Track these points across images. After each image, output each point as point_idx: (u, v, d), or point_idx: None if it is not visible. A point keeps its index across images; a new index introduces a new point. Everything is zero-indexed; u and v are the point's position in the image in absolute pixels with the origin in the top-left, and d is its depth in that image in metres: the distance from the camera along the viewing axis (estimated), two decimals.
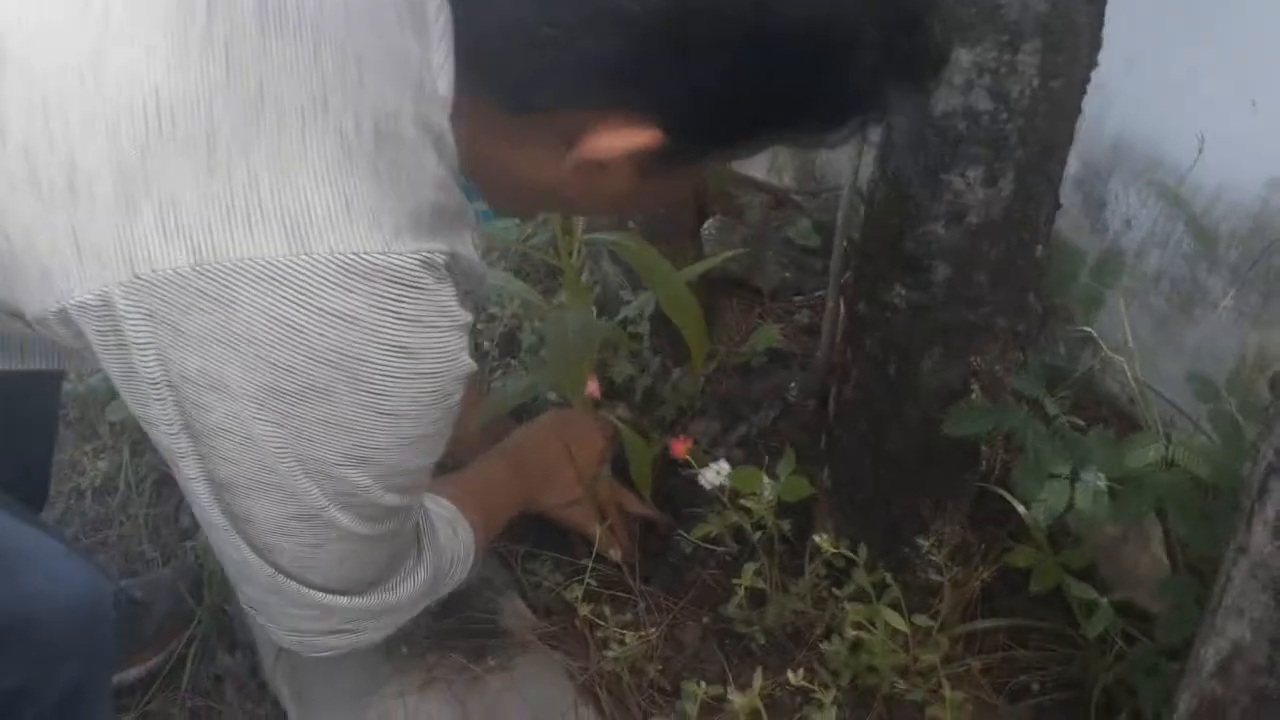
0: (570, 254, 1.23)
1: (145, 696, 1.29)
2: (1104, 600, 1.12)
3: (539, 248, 1.53)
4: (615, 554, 1.28)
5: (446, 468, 1.11)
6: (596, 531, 1.23)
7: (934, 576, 1.11)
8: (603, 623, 1.21)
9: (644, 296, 1.43)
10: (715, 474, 1.35)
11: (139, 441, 1.60)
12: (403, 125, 0.63)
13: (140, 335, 0.62)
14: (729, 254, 1.36)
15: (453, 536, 1.01)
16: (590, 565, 1.24)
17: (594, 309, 1.50)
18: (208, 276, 0.59)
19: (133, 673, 1.29)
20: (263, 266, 0.59)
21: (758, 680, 1.00)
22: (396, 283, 0.62)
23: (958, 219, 0.97)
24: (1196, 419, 1.19)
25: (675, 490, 1.44)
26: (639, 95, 0.64)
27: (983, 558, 1.26)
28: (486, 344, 1.69)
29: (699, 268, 1.37)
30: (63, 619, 0.85)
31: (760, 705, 0.98)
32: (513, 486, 1.20)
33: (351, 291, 0.61)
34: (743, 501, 1.26)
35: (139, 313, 0.61)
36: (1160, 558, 1.34)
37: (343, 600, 0.82)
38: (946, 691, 1.05)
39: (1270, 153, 1.35)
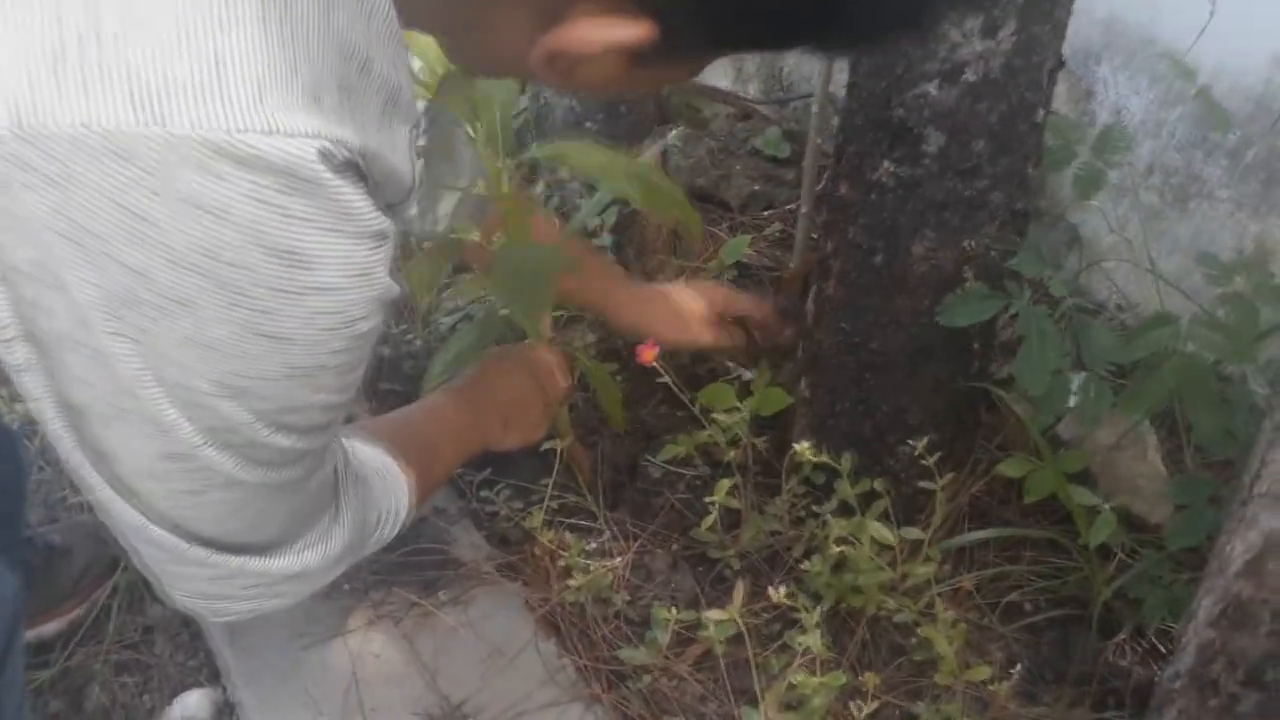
0: (500, 180, 0.99)
1: (66, 651, 1.18)
2: (1106, 506, 1.03)
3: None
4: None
5: None
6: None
7: (924, 484, 1.01)
8: (564, 551, 1.11)
9: (597, 198, 1.26)
10: None
11: None
12: None
13: None
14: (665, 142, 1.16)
15: (383, 490, 0.84)
16: (551, 490, 1.13)
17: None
18: (32, 143, 0.45)
19: (51, 626, 1.17)
20: (102, 137, 0.45)
21: (738, 596, 0.89)
22: (283, 173, 0.47)
23: (953, 77, 0.85)
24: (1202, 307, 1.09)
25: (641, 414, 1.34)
26: None
27: (971, 469, 1.18)
28: None
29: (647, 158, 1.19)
30: None
31: (741, 622, 0.87)
32: (467, 428, 1.04)
33: (222, 179, 0.46)
34: (715, 416, 1.16)
35: None
36: (1158, 465, 1.26)
37: (235, 560, 0.67)
38: (940, 611, 0.96)
39: (1277, 25, 1.25)
